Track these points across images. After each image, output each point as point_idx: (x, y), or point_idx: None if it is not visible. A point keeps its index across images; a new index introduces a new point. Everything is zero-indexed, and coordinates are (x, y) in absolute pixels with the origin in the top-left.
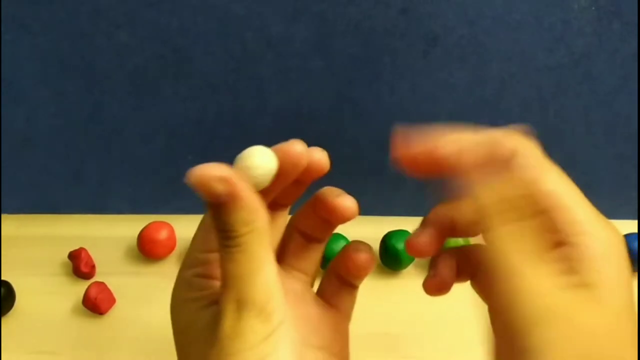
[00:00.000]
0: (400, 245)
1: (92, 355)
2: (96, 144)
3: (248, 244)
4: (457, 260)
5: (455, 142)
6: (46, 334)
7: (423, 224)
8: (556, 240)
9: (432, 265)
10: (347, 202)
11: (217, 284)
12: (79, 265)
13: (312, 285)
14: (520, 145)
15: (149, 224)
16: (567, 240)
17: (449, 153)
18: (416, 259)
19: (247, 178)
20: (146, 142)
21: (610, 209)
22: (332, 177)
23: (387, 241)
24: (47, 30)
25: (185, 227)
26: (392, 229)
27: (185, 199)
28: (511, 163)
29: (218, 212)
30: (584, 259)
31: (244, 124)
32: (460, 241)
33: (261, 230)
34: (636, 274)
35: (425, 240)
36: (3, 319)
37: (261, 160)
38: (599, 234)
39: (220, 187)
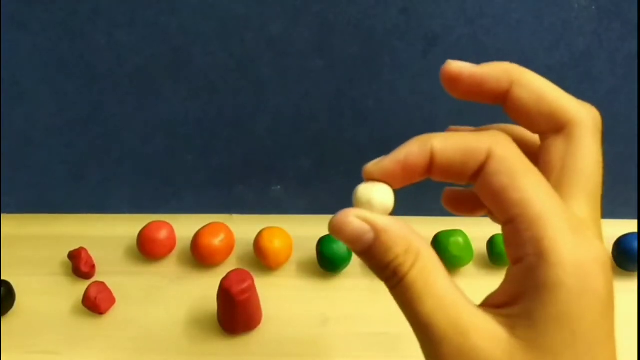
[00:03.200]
0: None
1: (92, 355)
2: (96, 144)
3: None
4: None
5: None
6: (46, 334)
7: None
8: (517, 256)
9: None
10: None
11: None
12: (78, 265)
13: None
14: (495, 148)
15: (149, 223)
16: (525, 259)
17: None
18: None
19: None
20: (146, 142)
21: (610, 209)
22: (330, 177)
23: None
24: (47, 30)
25: (185, 226)
26: None
27: (185, 198)
28: (484, 168)
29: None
30: (527, 310)
31: (244, 124)
32: (459, 240)
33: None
34: (636, 273)
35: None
36: (3, 319)
37: (382, 197)
38: (565, 257)
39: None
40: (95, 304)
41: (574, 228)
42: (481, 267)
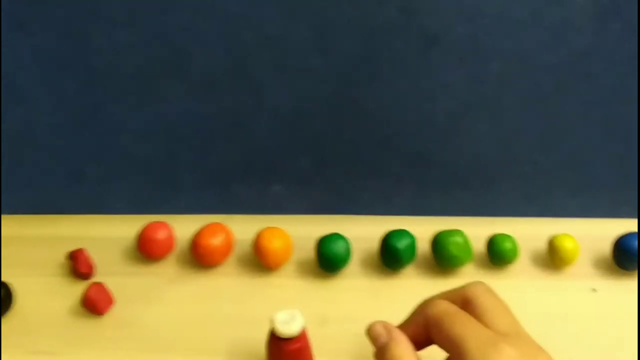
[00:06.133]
0: (400, 245)
1: (90, 356)
2: (95, 144)
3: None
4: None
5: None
6: (45, 334)
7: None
8: None
9: None
10: None
11: None
12: (77, 265)
13: None
14: (473, 295)
15: (148, 223)
16: None
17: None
18: (416, 260)
19: None
20: (145, 142)
21: (610, 208)
22: (331, 177)
23: (387, 241)
24: (45, 29)
25: (184, 226)
26: (392, 229)
27: (184, 198)
28: (467, 305)
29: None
30: None
31: (243, 124)
32: (458, 240)
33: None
34: (636, 272)
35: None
36: (2, 320)
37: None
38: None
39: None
40: (94, 304)
41: (488, 342)
42: (480, 267)
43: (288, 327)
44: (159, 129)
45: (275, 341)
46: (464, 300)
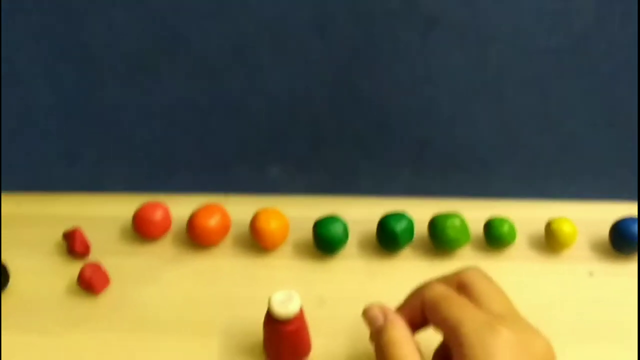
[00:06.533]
0: (397, 227)
1: (86, 335)
2: (92, 124)
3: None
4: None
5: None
6: (41, 314)
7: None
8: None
9: None
10: None
11: None
12: (73, 245)
13: None
14: (469, 280)
15: (144, 204)
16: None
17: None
18: (414, 242)
19: None
20: (142, 122)
21: (610, 192)
22: (329, 159)
23: (384, 222)
24: (41, 9)
25: (180, 207)
26: (390, 210)
27: (181, 179)
28: (462, 289)
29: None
30: None
31: (241, 105)
32: (456, 222)
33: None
34: (634, 256)
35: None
36: None
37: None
38: (474, 345)
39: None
40: (90, 284)
41: (485, 325)
42: (478, 249)
43: (285, 308)
44: (156, 110)
45: (272, 322)
46: (459, 285)
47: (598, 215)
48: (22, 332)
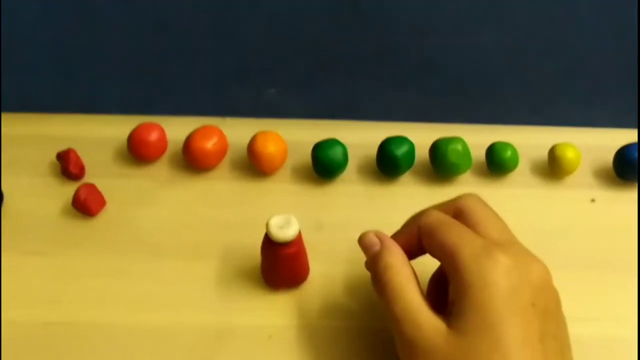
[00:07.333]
0: (398, 152)
1: (82, 256)
2: (84, 41)
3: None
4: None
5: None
6: (35, 235)
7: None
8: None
9: None
10: None
11: None
12: (67, 166)
13: None
14: (466, 206)
15: (140, 125)
16: (452, 281)
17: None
18: (414, 167)
19: None
20: (136, 41)
21: (612, 117)
22: (330, 81)
23: (385, 147)
24: None
25: (176, 129)
26: (391, 135)
27: (177, 100)
28: (459, 216)
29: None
30: (455, 308)
31: (238, 25)
32: (458, 147)
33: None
34: (636, 184)
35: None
36: None
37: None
38: (471, 269)
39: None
40: (85, 205)
41: (482, 250)
42: (479, 175)
43: (283, 232)
44: (151, 28)
45: (270, 245)
46: (456, 212)
47: (603, 142)
48: (17, 252)
